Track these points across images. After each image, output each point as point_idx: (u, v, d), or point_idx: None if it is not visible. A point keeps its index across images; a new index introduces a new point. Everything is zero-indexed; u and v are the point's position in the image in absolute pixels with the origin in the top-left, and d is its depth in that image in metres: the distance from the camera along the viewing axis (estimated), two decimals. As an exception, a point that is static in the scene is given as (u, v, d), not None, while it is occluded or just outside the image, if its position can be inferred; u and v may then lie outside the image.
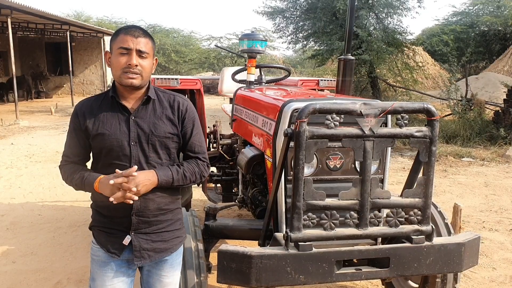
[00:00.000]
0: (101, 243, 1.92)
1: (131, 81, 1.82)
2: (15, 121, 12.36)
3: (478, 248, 2.23)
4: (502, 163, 8.11)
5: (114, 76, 1.87)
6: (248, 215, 4.63)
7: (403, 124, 1.95)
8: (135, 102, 1.91)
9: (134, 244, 1.88)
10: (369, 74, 13.36)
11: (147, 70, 1.86)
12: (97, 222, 1.95)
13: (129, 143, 1.85)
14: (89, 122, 1.86)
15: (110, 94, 1.89)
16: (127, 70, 1.81)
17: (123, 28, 1.87)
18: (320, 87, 4.51)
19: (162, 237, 1.94)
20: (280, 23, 14.92)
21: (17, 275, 3.66)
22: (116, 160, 1.85)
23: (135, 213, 1.86)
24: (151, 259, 1.92)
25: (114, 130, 1.85)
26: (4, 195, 5.91)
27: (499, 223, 5.02)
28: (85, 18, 27.83)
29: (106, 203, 1.82)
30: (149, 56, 1.86)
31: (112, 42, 1.86)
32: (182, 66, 26.47)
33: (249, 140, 3.16)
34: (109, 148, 1.84)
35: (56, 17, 15.29)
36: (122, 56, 1.81)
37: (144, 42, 1.83)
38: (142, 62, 1.83)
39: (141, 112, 1.89)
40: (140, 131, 1.87)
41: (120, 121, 1.87)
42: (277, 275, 1.92)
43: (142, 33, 1.84)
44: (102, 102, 1.91)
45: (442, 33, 23.35)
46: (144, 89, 1.92)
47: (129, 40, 1.80)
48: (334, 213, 1.95)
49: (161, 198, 1.91)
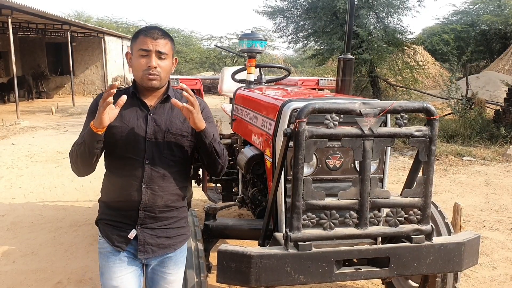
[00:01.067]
0: (107, 236, 1.94)
1: (151, 82, 1.87)
2: (16, 121, 12.37)
3: (478, 247, 2.23)
4: (503, 162, 8.10)
5: (135, 77, 1.92)
6: (248, 215, 4.63)
7: (402, 124, 1.95)
8: (155, 100, 1.95)
9: (139, 238, 1.91)
10: (369, 73, 13.34)
11: (166, 71, 1.90)
12: (105, 215, 1.97)
13: (145, 138, 1.89)
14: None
15: (131, 90, 1.94)
16: (147, 72, 1.85)
17: (143, 29, 1.92)
18: (320, 86, 4.51)
19: (167, 234, 1.97)
20: (281, 23, 14.90)
21: (18, 275, 3.67)
22: (131, 154, 1.88)
23: (142, 207, 1.89)
24: (154, 254, 1.94)
25: (132, 124, 1.89)
26: (4, 195, 5.92)
27: (499, 222, 5.01)
28: (85, 18, 27.89)
29: (115, 194, 1.90)
30: (168, 56, 1.90)
31: (133, 44, 1.91)
32: (183, 66, 26.49)
33: (248, 140, 3.16)
34: (125, 141, 1.88)
35: (57, 17, 15.29)
36: (142, 58, 1.86)
37: (163, 43, 1.87)
38: (161, 63, 1.87)
39: (159, 110, 1.94)
40: (157, 128, 1.91)
41: (139, 116, 1.91)
42: (277, 275, 1.92)
43: (161, 34, 1.88)
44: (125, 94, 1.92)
45: (442, 32, 23.32)
46: (164, 88, 1.97)
47: (149, 42, 1.85)
48: (333, 212, 1.95)
49: (169, 195, 1.94)
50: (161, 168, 1.90)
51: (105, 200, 1.99)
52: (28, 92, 19.66)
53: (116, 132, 1.87)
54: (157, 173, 1.90)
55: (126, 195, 1.89)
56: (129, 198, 1.88)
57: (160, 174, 1.90)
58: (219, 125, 4.34)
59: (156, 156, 1.90)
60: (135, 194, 1.89)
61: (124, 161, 1.89)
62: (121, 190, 1.90)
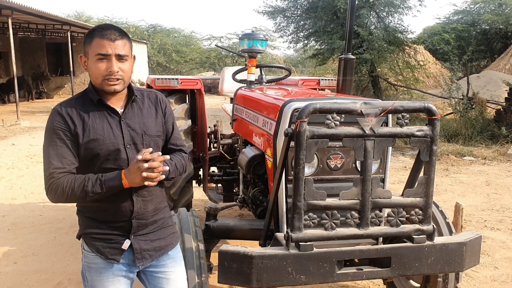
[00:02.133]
0: (98, 250, 1.84)
1: (113, 87, 1.76)
2: (16, 121, 12.37)
3: (480, 247, 2.22)
4: (504, 162, 8.09)
5: (94, 83, 1.80)
6: (249, 215, 4.63)
7: (403, 124, 1.94)
8: (119, 103, 1.85)
9: (135, 247, 1.85)
10: (370, 73, 13.35)
11: (128, 73, 1.81)
12: (91, 228, 1.86)
13: (125, 146, 1.80)
14: (78, 127, 1.76)
15: (95, 97, 1.80)
16: (109, 77, 1.74)
17: (97, 30, 1.76)
18: (320, 86, 4.51)
19: (159, 235, 1.94)
20: (281, 23, 14.91)
21: (18, 275, 3.66)
22: (113, 164, 1.79)
23: (135, 216, 1.83)
24: (152, 258, 1.91)
25: (107, 134, 1.78)
26: (5, 195, 5.92)
27: (501, 222, 5.00)
28: (85, 18, 27.90)
29: (103, 208, 1.80)
30: (129, 57, 1.80)
31: (87, 46, 1.76)
32: (183, 66, 26.52)
33: (249, 140, 3.15)
34: (106, 154, 1.77)
35: (57, 18, 15.31)
36: (101, 62, 1.73)
37: (121, 45, 1.75)
38: (122, 66, 1.76)
39: (129, 113, 1.85)
40: (133, 132, 1.83)
41: (111, 124, 1.80)
42: (278, 275, 1.92)
43: (119, 34, 1.76)
44: (85, 104, 1.81)
45: (443, 32, 23.33)
46: (126, 89, 1.87)
47: (106, 45, 1.72)
48: (335, 213, 1.94)
49: (156, 198, 1.92)
50: None
51: (90, 214, 1.86)
52: (28, 93, 19.67)
53: (94, 146, 1.76)
54: None
55: (116, 207, 1.81)
56: (120, 210, 1.80)
57: None
58: (219, 125, 4.33)
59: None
60: (126, 205, 1.81)
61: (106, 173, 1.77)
62: (110, 203, 1.79)
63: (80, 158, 1.80)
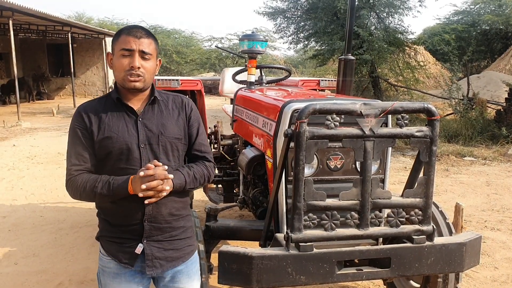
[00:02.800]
0: (112, 254, 1.84)
1: (134, 84, 1.77)
2: (17, 122, 12.37)
3: (480, 247, 2.22)
4: (504, 162, 8.09)
5: (116, 79, 1.82)
6: (249, 216, 4.63)
7: (403, 124, 1.94)
8: (141, 103, 1.86)
9: (147, 253, 1.81)
10: (370, 73, 13.34)
11: (150, 72, 1.81)
12: (105, 231, 1.86)
13: (139, 145, 1.79)
14: (94, 125, 1.78)
15: (115, 96, 1.83)
16: (130, 73, 1.75)
17: (125, 28, 1.81)
18: (320, 87, 4.51)
19: (174, 245, 1.88)
20: (281, 23, 14.91)
21: (19, 276, 3.67)
22: (125, 164, 1.78)
23: (147, 219, 1.80)
24: (163, 268, 1.85)
25: (122, 132, 1.78)
26: (6, 196, 5.92)
27: (501, 223, 5.00)
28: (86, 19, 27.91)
29: (115, 211, 1.80)
30: (152, 57, 1.81)
31: (114, 43, 1.80)
32: (184, 66, 26.50)
33: (249, 141, 3.15)
34: (118, 152, 1.77)
35: (58, 19, 15.32)
36: (124, 58, 1.76)
37: (147, 43, 1.78)
38: (145, 63, 1.78)
39: (148, 114, 1.84)
40: (149, 133, 1.81)
41: (127, 123, 1.81)
42: (278, 276, 1.92)
43: (145, 33, 1.79)
44: (106, 104, 1.84)
45: (443, 32, 23.32)
46: (148, 91, 1.87)
47: (131, 41, 1.75)
48: (334, 213, 1.95)
49: (173, 203, 1.85)
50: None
51: (105, 217, 1.87)
52: (29, 94, 19.67)
53: (107, 144, 1.77)
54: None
55: (127, 208, 1.79)
56: (131, 212, 1.78)
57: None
58: (220, 126, 4.33)
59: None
60: (137, 207, 1.78)
61: (119, 173, 1.77)
62: (121, 204, 1.79)
63: (97, 156, 1.81)
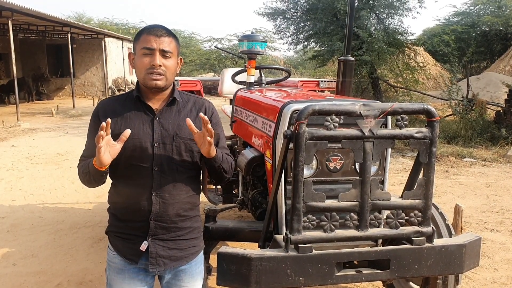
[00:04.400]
0: (118, 249, 1.87)
1: (155, 82, 1.79)
2: (16, 123, 12.36)
3: (479, 249, 2.22)
4: (504, 163, 8.09)
5: (138, 78, 1.84)
6: (248, 217, 4.63)
7: (402, 125, 1.94)
8: (160, 103, 1.87)
9: (151, 251, 1.83)
10: (370, 74, 13.34)
11: (172, 70, 1.83)
12: (113, 227, 1.90)
13: (153, 144, 1.81)
14: (112, 121, 1.76)
15: (135, 94, 1.86)
16: (151, 71, 1.78)
17: (146, 28, 1.84)
18: (320, 88, 4.51)
19: (179, 245, 1.89)
20: (281, 24, 14.90)
21: (18, 277, 3.66)
22: (138, 161, 1.80)
23: (153, 217, 1.82)
24: (166, 267, 1.87)
25: (137, 130, 1.80)
26: (5, 197, 5.91)
27: (500, 224, 5.00)
28: (86, 20, 27.95)
29: (124, 205, 1.83)
30: (173, 55, 1.83)
31: (135, 43, 1.83)
32: (183, 67, 26.51)
33: (249, 142, 3.15)
34: (132, 149, 1.79)
35: (57, 19, 15.32)
36: (145, 56, 1.78)
37: (167, 41, 1.80)
38: (166, 62, 1.79)
39: (165, 113, 1.86)
40: (165, 132, 1.83)
41: (144, 121, 1.83)
42: (277, 277, 1.91)
43: (165, 32, 1.81)
44: (126, 101, 1.88)
45: (443, 33, 23.34)
46: (169, 90, 1.89)
47: (152, 40, 1.77)
48: (334, 214, 1.94)
49: (181, 204, 1.86)
50: (170, 174, 1.83)
51: (114, 211, 1.91)
52: (29, 94, 19.68)
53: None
54: (167, 180, 1.82)
55: (135, 205, 1.82)
56: (139, 208, 1.81)
57: (170, 181, 1.82)
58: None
59: (165, 162, 1.82)
60: (144, 204, 1.81)
61: (131, 169, 1.80)
62: (130, 200, 1.82)
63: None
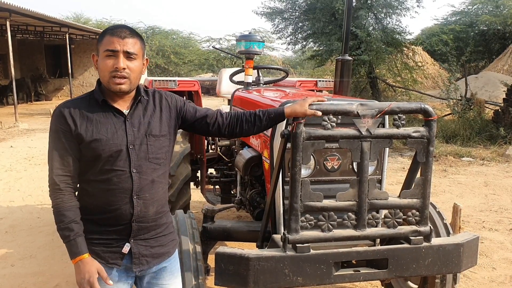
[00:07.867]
0: (97, 255, 1.80)
1: (119, 86, 1.73)
2: (15, 123, 12.34)
3: (477, 248, 2.22)
4: (502, 162, 8.10)
5: (102, 81, 1.78)
6: (246, 217, 4.63)
7: (400, 125, 1.94)
8: (127, 104, 1.83)
9: (134, 251, 1.81)
10: (368, 74, 13.36)
11: (136, 73, 1.77)
12: (90, 234, 1.80)
13: (127, 147, 1.76)
14: (81, 127, 1.73)
15: (101, 98, 1.78)
16: (115, 74, 1.71)
17: (109, 28, 1.77)
18: (318, 87, 4.51)
19: (160, 242, 1.89)
20: (279, 24, 14.92)
21: (16, 278, 3.65)
22: (114, 166, 1.75)
23: (135, 219, 1.79)
24: (150, 265, 1.86)
25: (111, 135, 1.75)
26: (3, 198, 5.90)
27: (499, 223, 5.00)
28: (84, 20, 27.85)
29: (103, 211, 1.77)
30: (138, 57, 1.76)
31: (99, 44, 1.76)
32: (182, 67, 26.49)
33: (246, 142, 3.15)
34: (108, 154, 1.73)
35: (55, 20, 15.30)
36: (109, 58, 1.71)
37: (131, 43, 1.73)
38: (130, 64, 1.73)
39: (134, 114, 1.82)
40: (137, 133, 1.79)
41: (115, 124, 1.77)
42: (275, 277, 1.91)
43: (130, 33, 1.74)
44: (91, 104, 1.79)
45: (441, 33, 23.33)
46: (133, 92, 1.84)
47: (115, 41, 1.70)
48: (331, 214, 1.94)
49: (159, 201, 1.85)
50: (149, 174, 1.80)
51: (89, 217, 1.80)
52: (27, 95, 19.63)
53: (96, 146, 1.73)
54: (146, 180, 1.79)
55: (115, 210, 1.76)
56: (120, 213, 1.76)
57: (149, 180, 1.80)
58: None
59: (142, 163, 1.78)
60: (126, 207, 1.77)
61: (109, 175, 1.74)
62: (110, 206, 1.76)
63: (82, 159, 1.77)
